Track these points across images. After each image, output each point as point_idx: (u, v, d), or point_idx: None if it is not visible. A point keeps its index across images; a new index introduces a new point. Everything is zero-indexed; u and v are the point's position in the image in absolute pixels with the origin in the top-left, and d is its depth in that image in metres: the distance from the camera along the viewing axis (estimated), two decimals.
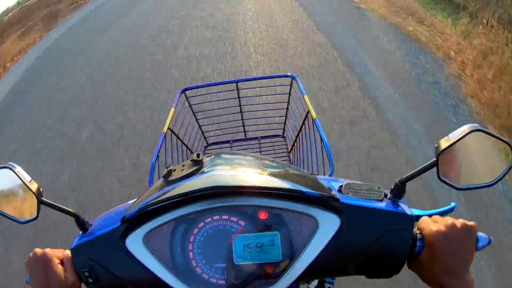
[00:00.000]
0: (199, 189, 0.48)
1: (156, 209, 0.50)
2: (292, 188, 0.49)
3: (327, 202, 0.50)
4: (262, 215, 0.50)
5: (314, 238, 0.49)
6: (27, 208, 0.56)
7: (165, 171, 0.53)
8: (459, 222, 0.49)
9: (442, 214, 0.54)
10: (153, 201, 0.49)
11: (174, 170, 0.53)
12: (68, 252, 0.56)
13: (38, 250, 0.55)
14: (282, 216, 0.50)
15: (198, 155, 0.53)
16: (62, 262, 0.55)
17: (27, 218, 0.56)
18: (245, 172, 0.51)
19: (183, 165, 0.53)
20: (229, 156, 0.57)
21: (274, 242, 0.49)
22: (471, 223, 0.49)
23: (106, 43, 4.81)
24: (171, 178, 0.51)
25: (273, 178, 0.50)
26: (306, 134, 1.15)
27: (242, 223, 0.50)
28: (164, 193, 0.49)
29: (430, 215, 0.53)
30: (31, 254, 0.55)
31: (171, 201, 0.49)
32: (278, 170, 0.53)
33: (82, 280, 0.54)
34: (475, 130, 0.46)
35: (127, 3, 6.59)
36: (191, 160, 0.53)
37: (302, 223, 0.50)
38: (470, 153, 0.48)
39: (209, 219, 0.50)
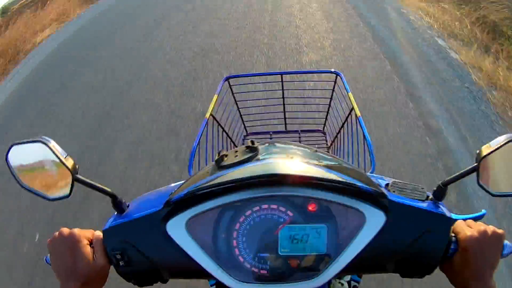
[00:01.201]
0: (258, 175, 0.47)
1: (205, 194, 0.48)
2: (347, 181, 0.49)
3: (375, 198, 0.50)
4: (312, 207, 0.49)
5: (360, 233, 0.49)
6: (59, 185, 0.53)
7: (216, 156, 0.51)
8: (490, 228, 0.51)
9: (475, 219, 0.56)
10: (204, 185, 0.48)
11: (226, 156, 0.52)
12: (98, 233, 0.54)
13: (65, 230, 0.53)
14: (331, 209, 0.50)
15: (252, 142, 0.52)
16: (91, 244, 0.53)
17: (58, 195, 0.53)
18: (301, 162, 0.50)
19: (236, 151, 0.52)
20: (284, 145, 0.56)
21: (321, 235, 0.49)
22: (500, 230, 0.51)
23: None
24: (224, 163, 0.50)
25: (328, 170, 0.50)
26: (347, 131, 1.15)
27: (291, 213, 0.49)
28: (217, 178, 0.48)
29: (464, 219, 0.55)
30: (56, 233, 0.53)
31: (225, 186, 0.48)
32: (332, 163, 0.52)
33: (113, 262, 0.53)
34: None
35: None
36: (245, 147, 0.52)
37: (350, 218, 0.50)
38: (509, 161, 0.50)
39: (257, 208, 0.49)
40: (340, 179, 0.49)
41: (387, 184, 0.56)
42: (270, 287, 0.50)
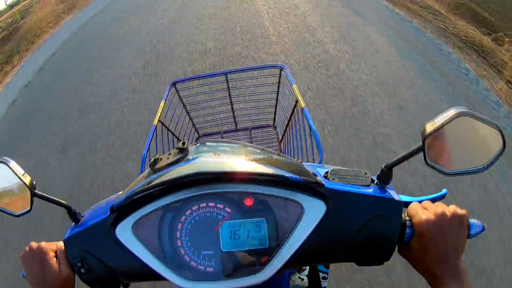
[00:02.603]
0: (183, 175, 0.48)
1: (143, 197, 0.50)
2: (275, 173, 0.49)
3: (312, 188, 0.50)
4: (248, 202, 0.49)
5: (299, 224, 0.49)
6: (21, 201, 0.57)
7: (151, 160, 0.53)
8: (449, 210, 0.48)
9: (433, 200, 0.53)
10: (139, 189, 0.50)
11: (161, 158, 0.53)
12: (61, 244, 0.57)
13: (34, 244, 0.57)
14: (268, 202, 0.50)
15: (183, 143, 0.53)
16: (56, 255, 0.56)
17: (21, 211, 0.57)
18: (229, 158, 0.51)
19: (169, 154, 0.53)
20: (214, 144, 0.57)
21: (261, 229, 0.49)
22: (462, 211, 0.48)
23: None
24: (157, 166, 0.52)
25: (257, 164, 0.50)
26: (295, 123, 1.15)
27: (229, 209, 0.50)
28: (151, 181, 0.50)
29: (420, 202, 0.52)
30: (27, 248, 0.57)
31: (156, 188, 0.49)
32: (262, 157, 0.53)
33: (75, 271, 0.55)
34: (462, 114, 0.45)
35: None
36: (177, 148, 0.53)
37: (288, 209, 0.50)
38: (458, 137, 0.46)
39: (196, 207, 0.50)
40: (267, 171, 0.49)
41: (326, 173, 0.54)
42: (217, 284, 0.50)
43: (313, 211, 0.49)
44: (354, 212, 0.50)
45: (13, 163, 0.55)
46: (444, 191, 0.56)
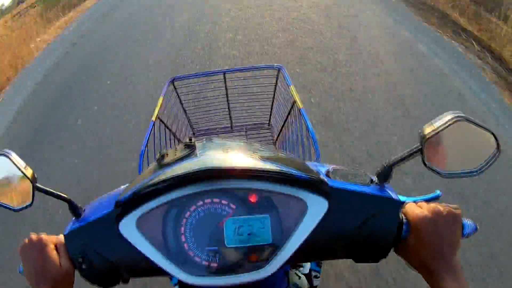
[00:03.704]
0: (192, 171, 0.49)
1: (150, 192, 0.50)
2: (283, 170, 0.50)
3: (316, 185, 0.51)
4: (253, 198, 0.50)
5: (303, 221, 0.50)
6: (22, 195, 0.56)
7: (158, 156, 0.53)
8: (444, 207, 0.50)
9: (427, 201, 0.55)
10: (146, 184, 0.50)
11: (167, 154, 0.53)
12: (62, 238, 0.56)
13: (34, 236, 0.56)
14: (272, 199, 0.51)
15: (190, 139, 0.53)
16: (57, 248, 0.56)
17: (22, 205, 0.56)
18: (237, 155, 0.52)
19: (176, 149, 0.53)
20: (221, 141, 0.57)
21: (264, 225, 0.50)
22: (457, 210, 0.50)
23: None
24: (165, 161, 0.52)
25: (264, 161, 0.51)
26: (291, 123, 1.17)
27: (233, 206, 0.51)
28: (158, 176, 0.50)
29: (415, 202, 0.54)
30: (26, 240, 0.56)
31: (164, 184, 0.49)
32: (268, 154, 0.54)
33: (76, 266, 0.55)
34: (459, 119, 0.46)
35: None
36: (184, 144, 0.53)
37: (292, 206, 0.51)
38: (455, 140, 0.48)
39: (201, 202, 0.51)
40: (275, 168, 0.50)
41: (328, 171, 0.56)
42: (221, 279, 0.51)
43: (316, 208, 0.51)
44: (354, 210, 0.52)
45: (14, 155, 0.54)
46: (437, 192, 0.58)
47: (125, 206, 0.52)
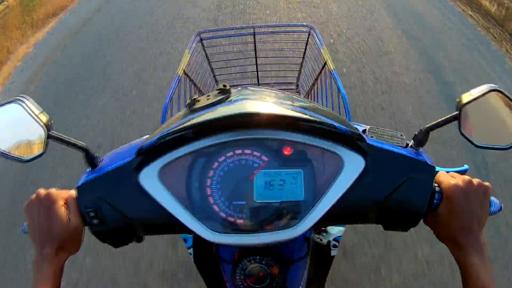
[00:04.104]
0: (227, 115, 0.45)
1: (177, 138, 0.47)
2: (324, 121, 0.47)
3: (353, 142, 0.48)
4: (287, 151, 0.47)
5: (338, 179, 0.47)
6: (34, 144, 0.52)
7: (188, 101, 0.49)
8: (475, 180, 0.49)
9: (458, 173, 0.54)
10: (174, 130, 0.46)
11: (199, 100, 0.50)
12: (72, 192, 0.52)
13: (42, 191, 0.51)
14: (307, 153, 0.48)
15: (224, 85, 0.49)
16: (67, 204, 0.51)
17: (33, 155, 0.52)
18: (275, 103, 0.48)
19: (209, 95, 0.50)
20: (257, 89, 0.54)
21: (297, 180, 0.47)
22: (487, 183, 0.50)
23: None
24: (196, 106, 0.48)
25: (304, 110, 0.47)
26: (321, 85, 1.15)
27: (265, 158, 0.47)
28: (188, 121, 0.46)
29: (447, 172, 0.54)
30: (33, 196, 0.52)
31: (195, 128, 0.46)
32: (307, 104, 0.50)
33: (86, 222, 0.51)
34: (495, 90, 0.48)
35: None
36: (217, 90, 0.49)
37: (327, 162, 0.48)
38: (490, 112, 0.50)
39: (231, 153, 0.47)
40: (316, 119, 0.47)
41: (364, 130, 0.53)
42: (246, 237, 0.48)
43: (353, 166, 0.48)
44: (391, 172, 0.49)
45: (29, 101, 0.50)
46: (466, 166, 0.57)
47: (147, 154, 0.48)
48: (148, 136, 0.53)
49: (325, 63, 1.12)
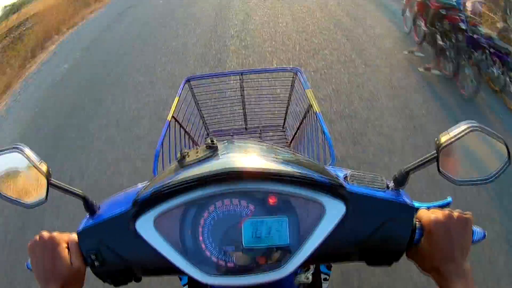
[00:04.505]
0: (214, 172, 0.49)
1: (170, 192, 0.50)
2: (304, 174, 0.51)
3: (334, 189, 0.52)
4: (272, 200, 0.51)
5: (320, 224, 0.51)
6: (35, 191, 0.55)
7: (178, 156, 0.53)
8: (455, 213, 0.52)
9: (439, 207, 0.56)
10: (167, 184, 0.50)
11: (189, 154, 0.54)
12: (74, 236, 0.56)
13: (45, 234, 0.55)
14: (291, 202, 0.51)
15: (212, 141, 0.54)
16: (68, 247, 0.55)
17: (35, 201, 0.55)
18: (258, 157, 0.52)
19: (197, 150, 0.54)
20: (242, 143, 0.58)
21: (282, 227, 0.51)
22: (467, 215, 0.52)
23: None
24: (186, 162, 0.52)
25: (285, 163, 0.51)
26: (306, 127, 1.18)
27: (252, 207, 0.51)
28: (179, 176, 0.50)
29: (428, 208, 0.56)
30: (36, 237, 0.55)
31: (186, 184, 0.49)
32: (289, 157, 0.54)
33: (88, 264, 0.55)
34: (474, 129, 0.49)
35: None
36: (206, 145, 0.54)
37: (310, 209, 0.51)
38: (469, 148, 0.50)
39: (220, 203, 0.51)
40: (297, 172, 0.51)
41: (345, 176, 0.57)
42: (236, 279, 0.52)
43: (334, 212, 0.51)
44: (371, 215, 0.53)
45: (27, 150, 0.53)
46: (449, 199, 0.60)
47: (143, 205, 0.52)
48: (142, 185, 0.57)
49: (310, 106, 1.16)
